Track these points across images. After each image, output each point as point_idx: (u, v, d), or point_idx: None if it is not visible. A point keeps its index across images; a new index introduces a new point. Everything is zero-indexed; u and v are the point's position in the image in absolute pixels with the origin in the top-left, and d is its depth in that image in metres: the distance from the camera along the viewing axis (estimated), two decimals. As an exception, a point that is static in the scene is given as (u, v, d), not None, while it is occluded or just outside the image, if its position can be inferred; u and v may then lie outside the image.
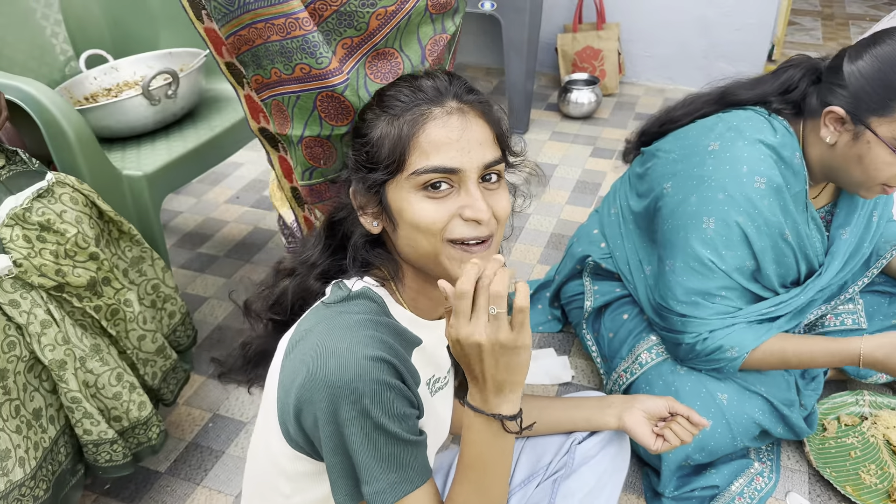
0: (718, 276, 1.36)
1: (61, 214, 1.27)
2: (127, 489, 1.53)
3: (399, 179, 0.88)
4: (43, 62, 1.86)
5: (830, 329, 1.60)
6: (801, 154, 1.33)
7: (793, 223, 1.35)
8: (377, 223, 0.93)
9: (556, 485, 1.25)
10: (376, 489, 0.85)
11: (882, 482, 1.50)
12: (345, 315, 0.87)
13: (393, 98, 0.91)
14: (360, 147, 0.93)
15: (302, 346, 0.86)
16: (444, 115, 0.88)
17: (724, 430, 1.40)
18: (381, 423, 0.82)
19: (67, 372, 1.24)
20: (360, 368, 0.81)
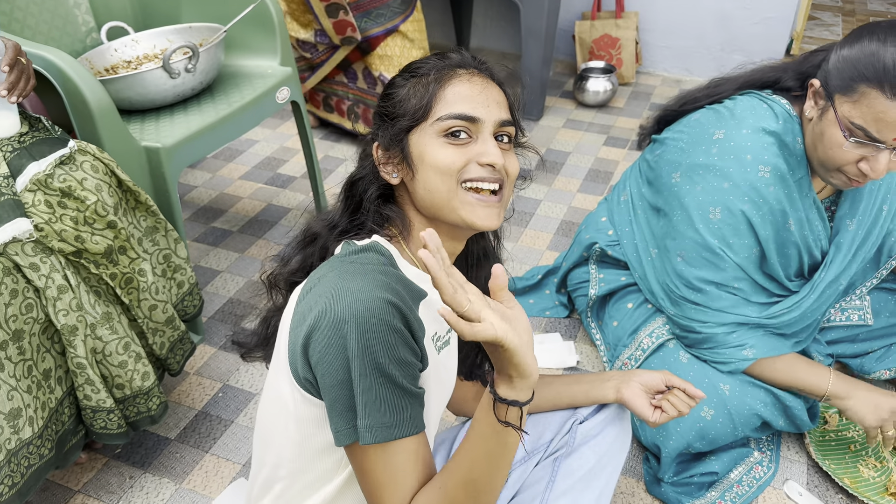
0: (729, 265, 1.37)
1: (82, 182, 1.30)
2: (137, 454, 1.57)
3: (423, 126, 0.96)
4: (65, 32, 1.89)
5: (836, 324, 1.61)
6: (801, 139, 1.33)
7: (796, 211, 1.36)
8: (396, 174, 0.99)
9: (556, 463, 1.27)
10: (367, 424, 0.86)
11: (880, 475, 1.52)
12: (355, 264, 0.91)
13: (421, 63, 1.01)
14: (386, 102, 1.01)
15: (315, 290, 0.90)
16: (468, 75, 0.98)
17: (725, 419, 1.42)
18: (381, 363, 0.84)
19: (77, 338, 1.26)
20: (369, 306, 0.84)
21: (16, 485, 1.20)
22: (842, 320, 1.61)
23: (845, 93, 1.19)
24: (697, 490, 1.47)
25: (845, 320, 1.61)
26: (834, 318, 1.61)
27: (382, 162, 1.00)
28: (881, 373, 1.62)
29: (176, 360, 1.51)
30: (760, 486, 1.49)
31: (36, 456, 1.24)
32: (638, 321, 1.58)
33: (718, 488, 1.48)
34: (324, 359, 0.87)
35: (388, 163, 1.00)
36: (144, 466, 1.54)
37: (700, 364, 1.46)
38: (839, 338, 1.63)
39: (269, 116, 1.95)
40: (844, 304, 1.61)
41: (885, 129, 1.16)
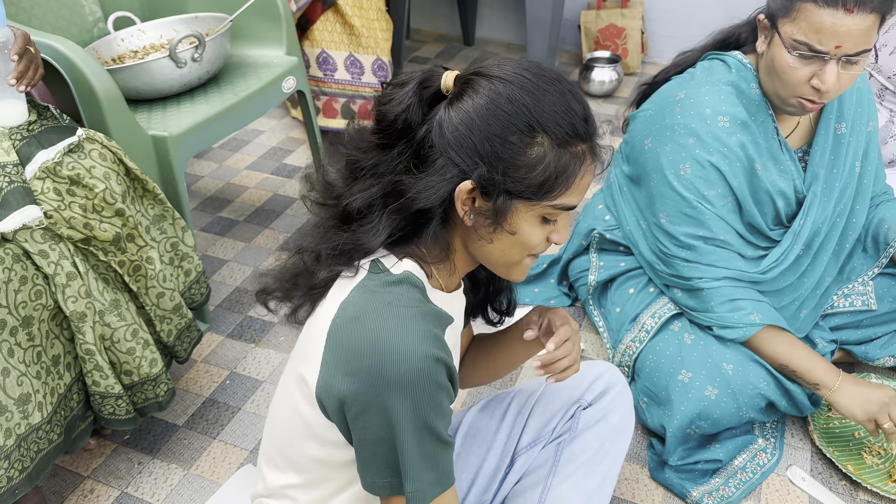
0: (709, 217, 1.42)
1: (90, 170, 1.31)
2: (145, 440, 1.59)
3: (539, 203, 0.90)
4: (72, 22, 1.90)
5: (840, 310, 1.62)
6: (757, 84, 1.40)
7: (762, 156, 1.42)
8: (473, 217, 0.91)
9: (559, 448, 1.28)
10: (417, 487, 0.87)
11: (884, 462, 1.52)
12: (394, 306, 0.87)
13: (555, 117, 0.88)
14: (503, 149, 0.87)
15: (350, 336, 0.86)
16: (592, 159, 0.92)
17: (729, 399, 1.43)
18: (430, 423, 0.85)
19: (86, 324, 1.28)
20: (421, 369, 0.83)
21: (26, 469, 1.22)
22: (845, 306, 1.61)
23: (785, 14, 1.26)
24: (701, 476, 1.48)
25: (849, 306, 1.61)
26: (837, 303, 1.62)
27: (463, 200, 0.90)
28: (885, 360, 1.63)
29: (183, 347, 1.53)
30: (764, 473, 1.50)
31: (45, 441, 1.26)
32: (640, 305, 1.59)
33: (722, 475, 1.49)
34: (364, 415, 0.86)
35: (471, 207, 0.91)
36: (153, 452, 1.56)
37: (704, 344, 1.47)
38: (843, 324, 1.63)
39: (274, 106, 1.96)
40: (847, 290, 1.62)
41: (824, 38, 1.22)
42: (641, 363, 1.54)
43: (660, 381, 1.49)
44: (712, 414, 1.43)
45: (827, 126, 1.48)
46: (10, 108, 1.30)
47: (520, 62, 0.91)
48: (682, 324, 1.53)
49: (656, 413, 1.50)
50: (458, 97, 0.89)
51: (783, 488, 1.48)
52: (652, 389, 1.51)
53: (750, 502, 1.46)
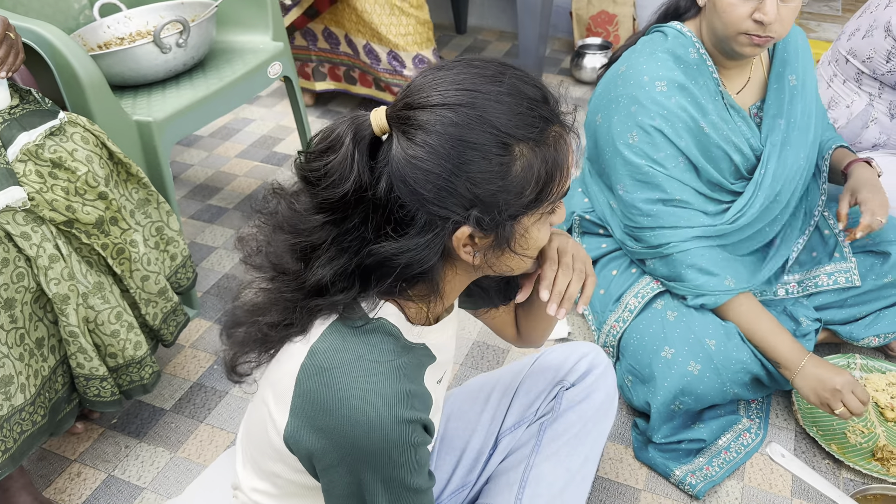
0: (662, 179, 1.47)
1: (73, 153, 1.31)
2: (133, 424, 1.59)
3: (540, 208, 0.83)
4: (58, 9, 1.89)
5: (824, 289, 1.62)
6: (696, 48, 1.47)
7: (707, 115, 1.47)
8: (478, 253, 0.83)
9: (542, 427, 1.29)
10: None
11: (867, 441, 1.53)
12: (364, 360, 0.81)
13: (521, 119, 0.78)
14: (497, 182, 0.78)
15: (320, 389, 0.81)
16: (564, 132, 0.83)
17: (712, 374, 1.44)
18: (407, 482, 0.83)
19: (69, 307, 1.28)
20: (391, 435, 0.79)
21: (8, 450, 1.22)
22: (829, 284, 1.62)
23: None
24: (685, 456, 1.49)
25: (832, 284, 1.62)
26: (821, 282, 1.63)
27: (464, 244, 0.82)
28: (869, 339, 1.63)
29: (169, 330, 1.53)
30: (748, 453, 1.51)
31: (29, 422, 1.26)
32: (623, 286, 1.60)
33: (706, 454, 1.50)
34: (332, 471, 0.83)
35: (472, 245, 0.82)
36: (140, 436, 1.57)
37: (687, 321, 1.48)
38: (828, 303, 1.64)
39: (260, 92, 1.96)
40: (830, 268, 1.63)
41: None
42: (626, 342, 1.55)
43: (644, 358, 1.50)
44: (696, 389, 1.44)
45: (779, 78, 1.54)
46: (-8, 93, 1.30)
47: (452, 73, 0.80)
48: (665, 302, 1.54)
49: (641, 391, 1.51)
50: (405, 140, 0.77)
51: (766, 467, 1.49)
52: (636, 367, 1.51)
53: (733, 481, 1.47)
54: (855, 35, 1.89)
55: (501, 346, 1.80)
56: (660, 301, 1.55)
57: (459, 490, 1.28)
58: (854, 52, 1.88)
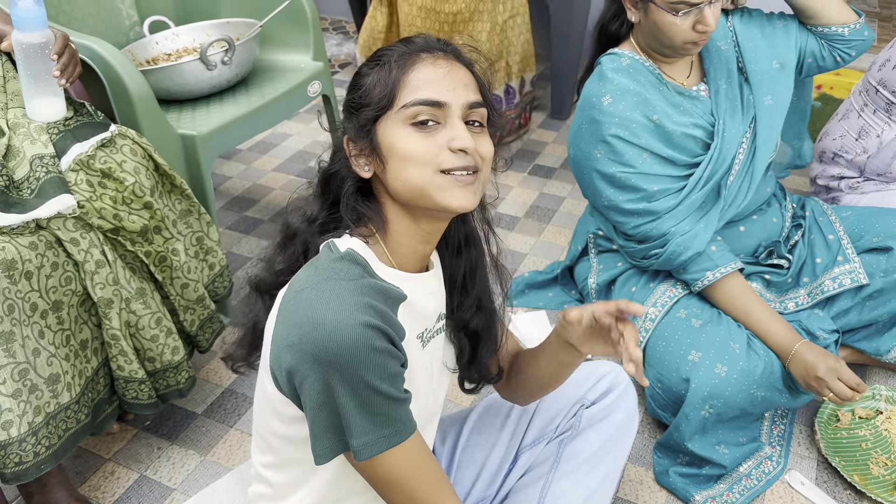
0: (638, 179, 1.57)
1: (121, 164, 1.38)
2: (165, 426, 1.65)
3: (389, 115, 0.94)
4: (110, 26, 1.98)
5: (831, 293, 1.62)
6: (628, 56, 1.60)
7: (655, 107, 1.57)
8: (368, 167, 0.97)
9: (561, 445, 1.31)
10: (365, 441, 0.89)
11: (890, 474, 1.53)
12: (330, 280, 0.90)
13: (385, 51, 0.99)
14: (353, 93, 0.99)
15: (293, 308, 0.90)
16: (432, 58, 0.96)
17: (739, 376, 1.45)
18: (374, 385, 0.87)
19: (113, 311, 1.34)
20: (352, 337, 0.85)
21: (52, 446, 1.28)
22: (835, 287, 1.62)
23: None
24: (706, 482, 1.50)
25: (838, 287, 1.62)
26: (827, 287, 1.63)
27: (354, 154, 0.98)
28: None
29: (205, 337, 1.58)
30: (769, 481, 1.51)
31: (73, 420, 1.32)
32: (642, 300, 1.65)
33: (727, 481, 1.50)
34: (306, 383, 0.88)
35: (360, 155, 0.97)
36: (172, 438, 1.62)
37: (711, 326, 1.53)
38: (844, 308, 1.63)
39: (300, 109, 2.03)
40: (834, 273, 1.64)
41: None
42: (651, 350, 1.57)
43: (671, 363, 1.52)
44: (724, 392, 1.45)
45: (709, 53, 1.64)
46: (50, 105, 1.37)
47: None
48: (689, 311, 1.57)
49: (671, 396, 1.52)
50: None
51: (787, 495, 1.50)
52: (663, 373, 1.53)
53: (753, 508, 1.48)
54: (886, 66, 1.90)
55: (526, 364, 1.82)
56: (682, 310, 1.59)
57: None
58: (884, 83, 1.89)
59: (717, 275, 1.56)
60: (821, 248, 1.69)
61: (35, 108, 1.37)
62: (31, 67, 1.33)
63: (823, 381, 1.40)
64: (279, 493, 1.06)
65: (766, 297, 1.66)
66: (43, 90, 1.35)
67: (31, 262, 1.23)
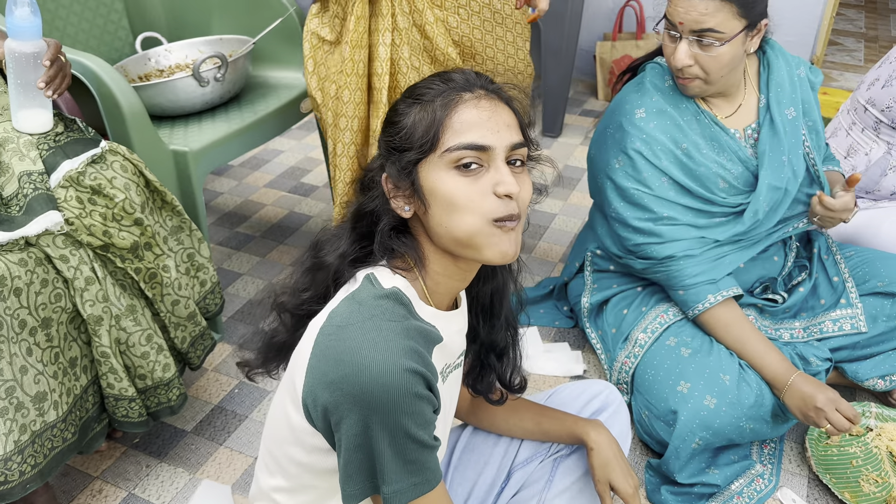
0: (650, 200, 1.56)
1: (111, 180, 1.37)
2: (154, 444, 1.63)
3: (432, 159, 0.92)
4: (102, 42, 1.98)
5: (829, 335, 1.63)
6: (671, 77, 1.58)
7: (687, 136, 1.56)
8: (409, 207, 0.95)
9: (556, 463, 1.30)
10: (396, 489, 0.89)
11: (881, 491, 1.53)
12: (377, 319, 0.89)
13: (424, 88, 0.96)
14: (393, 133, 0.96)
15: (334, 344, 0.89)
16: (475, 99, 0.94)
17: (728, 408, 1.45)
18: (412, 432, 0.87)
19: (102, 328, 1.33)
20: (396, 381, 0.85)
21: (38, 465, 1.26)
22: (834, 331, 1.63)
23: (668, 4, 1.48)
24: (697, 500, 1.49)
25: (838, 330, 1.63)
26: (827, 328, 1.64)
27: (392, 195, 0.96)
28: (875, 381, 1.63)
29: (196, 354, 1.57)
30: (760, 499, 1.51)
31: (59, 439, 1.30)
32: (633, 324, 1.64)
33: (718, 499, 1.50)
34: (343, 423, 0.88)
35: (399, 196, 0.96)
36: (161, 456, 1.60)
37: (702, 356, 1.51)
38: (841, 346, 1.65)
39: (292, 126, 2.03)
40: (836, 315, 1.64)
41: (673, 12, 1.44)
42: (640, 377, 1.57)
43: (660, 392, 1.52)
44: (713, 424, 1.45)
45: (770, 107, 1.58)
46: (37, 116, 1.37)
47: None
48: (679, 339, 1.56)
49: (658, 425, 1.52)
50: None
51: (778, 513, 1.50)
52: (652, 402, 1.53)
53: (745, 526, 1.47)
54: (874, 85, 1.93)
55: (517, 381, 1.82)
56: (672, 338, 1.58)
57: (471, 524, 1.30)
58: (873, 102, 1.92)
59: (718, 298, 1.53)
60: (825, 290, 1.69)
61: (22, 118, 1.36)
62: (21, 76, 1.32)
63: (822, 411, 1.39)
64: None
65: (762, 324, 1.65)
66: (31, 101, 1.35)
67: (21, 279, 1.22)
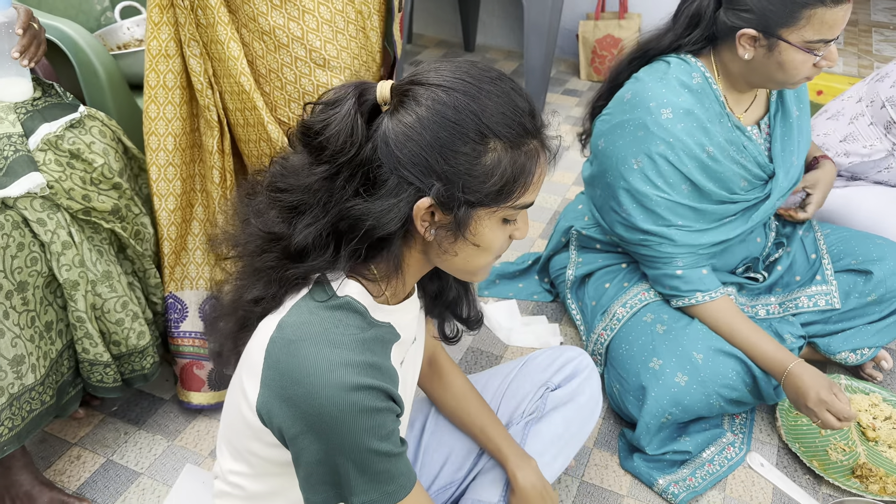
0: (666, 207, 1.52)
1: (90, 145, 1.37)
2: (132, 412, 1.64)
3: (500, 207, 0.89)
4: (80, 10, 1.96)
5: (804, 310, 1.67)
6: (701, 74, 1.50)
7: (713, 138, 1.50)
8: (434, 232, 0.89)
9: (527, 427, 1.33)
10: (367, 499, 0.89)
11: (848, 459, 1.57)
12: (331, 334, 0.86)
13: (504, 119, 0.86)
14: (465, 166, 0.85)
15: (290, 360, 0.86)
16: (545, 155, 0.91)
17: (698, 386, 1.48)
18: (373, 447, 0.86)
19: (78, 293, 1.33)
20: (353, 401, 0.83)
21: (15, 427, 1.27)
22: (809, 306, 1.67)
23: (791, 24, 1.37)
24: (669, 466, 1.53)
25: (812, 306, 1.67)
26: (802, 304, 1.67)
27: (422, 216, 0.87)
28: (846, 355, 1.67)
29: None
30: (731, 466, 1.55)
31: (37, 402, 1.31)
32: (613, 298, 1.66)
33: (690, 466, 1.53)
34: (301, 439, 0.86)
35: (430, 221, 0.88)
36: (139, 424, 1.61)
37: (675, 334, 1.53)
38: (813, 320, 1.68)
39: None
40: (811, 291, 1.68)
41: (836, 28, 1.38)
42: (614, 351, 1.60)
43: (632, 367, 1.54)
44: (682, 400, 1.48)
45: (782, 98, 1.59)
46: (15, 85, 1.36)
47: (458, 65, 0.88)
48: (655, 315, 1.58)
49: (629, 399, 1.55)
50: (398, 109, 0.85)
51: (748, 480, 1.53)
52: (624, 376, 1.56)
53: (715, 492, 1.51)
54: (883, 81, 1.87)
55: (495, 352, 1.84)
56: (649, 314, 1.60)
57: (447, 487, 1.32)
58: (894, 101, 1.85)
59: (706, 298, 1.55)
60: (801, 267, 1.73)
61: (0, 88, 1.35)
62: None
63: (813, 411, 1.41)
64: (250, 496, 1.05)
65: (739, 300, 1.67)
66: (7, 70, 1.34)
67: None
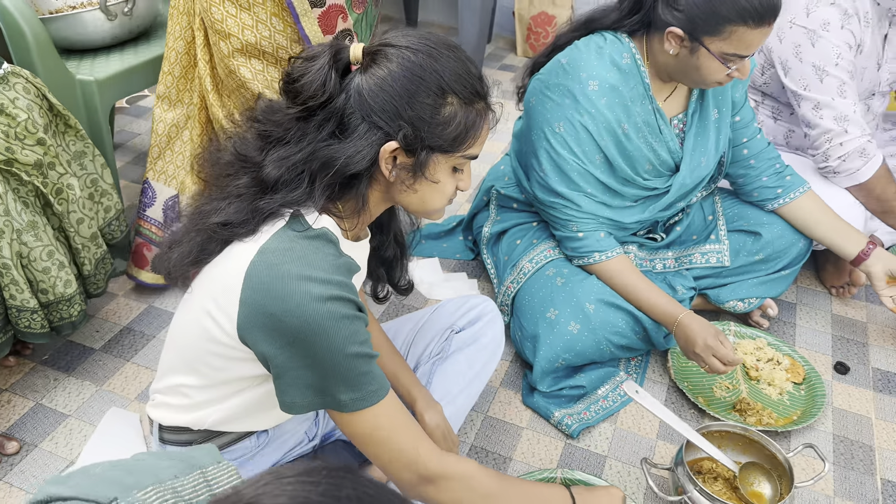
0: (579, 173, 1.61)
1: (14, 101, 1.43)
2: (63, 360, 1.71)
3: (453, 155, 1.05)
4: (11, -25, 2.00)
5: (697, 266, 1.82)
6: (631, 55, 1.58)
7: (631, 117, 1.59)
8: (395, 173, 1.03)
9: (434, 366, 1.45)
10: (355, 396, 1.00)
11: (731, 396, 1.72)
12: (310, 256, 0.97)
13: (465, 82, 1.02)
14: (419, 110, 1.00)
15: (271, 281, 0.96)
16: (489, 113, 1.08)
17: (589, 334, 1.61)
18: (354, 351, 0.98)
19: (3, 241, 1.40)
20: (333, 311, 0.95)
21: (-57, 366, 1.34)
22: (702, 263, 1.82)
23: (713, 34, 1.45)
24: (567, 402, 1.66)
25: (705, 263, 1.82)
26: (695, 260, 1.82)
27: (387, 159, 1.02)
28: (734, 304, 1.82)
29: (99, 278, 1.65)
30: (623, 402, 1.68)
31: (-36, 347, 1.38)
32: (522, 253, 1.78)
33: (585, 401, 1.67)
34: (288, 349, 0.97)
35: (393, 164, 1.03)
36: (69, 371, 1.69)
37: (571, 287, 1.65)
38: (705, 275, 1.84)
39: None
40: (705, 249, 1.82)
41: (751, 46, 1.46)
42: (519, 301, 1.72)
43: (532, 317, 1.67)
44: (575, 346, 1.62)
45: (701, 98, 1.68)
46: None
47: (422, 33, 1.04)
48: (556, 270, 1.71)
49: (528, 346, 1.68)
50: (371, 66, 1.00)
51: (637, 414, 1.67)
52: (525, 325, 1.68)
53: (606, 424, 1.64)
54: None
55: (416, 305, 1.95)
56: (551, 268, 1.72)
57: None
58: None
59: (602, 258, 1.66)
60: (698, 227, 1.87)
61: None
62: None
63: (700, 356, 1.52)
64: (195, 404, 1.14)
65: (638, 255, 1.80)
66: None
67: (-80, 187, 1.28)
